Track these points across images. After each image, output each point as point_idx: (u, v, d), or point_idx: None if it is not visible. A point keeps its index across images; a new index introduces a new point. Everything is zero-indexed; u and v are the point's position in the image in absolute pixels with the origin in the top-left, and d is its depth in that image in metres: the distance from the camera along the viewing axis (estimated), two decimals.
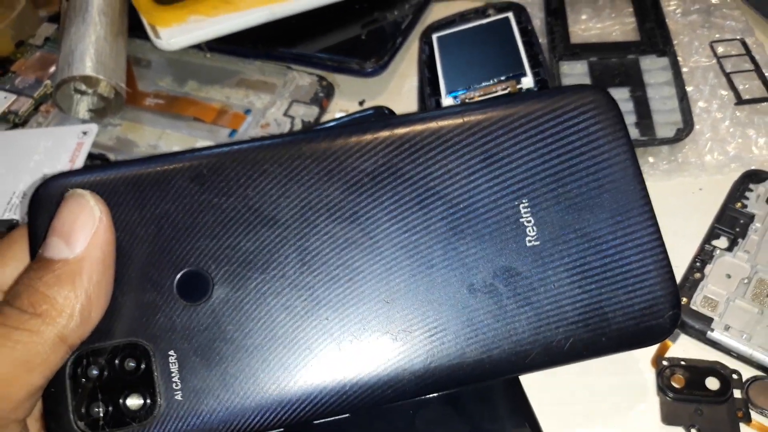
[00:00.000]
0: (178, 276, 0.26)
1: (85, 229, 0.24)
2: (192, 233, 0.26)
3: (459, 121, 0.28)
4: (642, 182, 0.28)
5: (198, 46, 0.51)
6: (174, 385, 0.25)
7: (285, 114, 0.48)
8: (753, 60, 0.47)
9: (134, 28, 0.52)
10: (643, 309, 0.27)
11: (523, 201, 0.27)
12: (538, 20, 0.51)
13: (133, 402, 0.25)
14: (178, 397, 0.25)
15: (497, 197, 0.27)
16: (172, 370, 0.25)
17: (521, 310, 0.26)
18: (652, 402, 0.34)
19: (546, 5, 0.52)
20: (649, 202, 0.28)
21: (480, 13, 0.50)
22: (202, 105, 0.50)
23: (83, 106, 0.49)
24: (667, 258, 0.27)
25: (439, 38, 0.49)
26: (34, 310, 0.23)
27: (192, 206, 0.26)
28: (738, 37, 0.49)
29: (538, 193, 0.27)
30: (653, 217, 0.27)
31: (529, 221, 0.27)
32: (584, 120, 0.28)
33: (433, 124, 0.28)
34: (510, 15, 0.49)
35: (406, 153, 0.27)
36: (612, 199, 0.27)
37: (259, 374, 0.25)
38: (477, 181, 0.27)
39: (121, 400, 0.25)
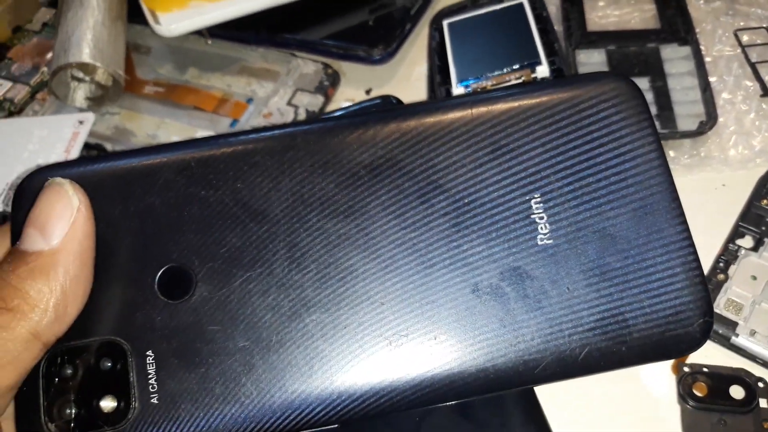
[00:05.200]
0: (160, 272, 0.24)
1: (62, 220, 0.23)
2: (176, 228, 0.24)
3: (466, 112, 0.26)
4: (669, 175, 0.25)
5: (199, 33, 0.49)
6: (150, 387, 0.23)
7: (288, 103, 0.46)
8: None
9: (134, 13, 0.50)
10: (670, 316, 0.24)
11: (535, 196, 0.25)
12: (553, 6, 0.49)
13: (107, 404, 0.23)
14: (154, 401, 0.23)
15: (505, 192, 0.25)
16: (149, 372, 0.23)
17: (530, 315, 0.24)
18: (672, 411, 0.33)
19: None
20: (676, 197, 0.25)
21: None
22: (202, 93, 0.48)
23: (80, 94, 0.48)
24: (697, 259, 0.25)
25: (450, 24, 0.47)
26: (5, 304, 0.22)
27: (178, 200, 0.25)
28: (764, 26, 0.46)
29: (551, 188, 0.25)
30: (682, 213, 0.25)
31: (541, 218, 0.25)
32: (604, 109, 0.25)
33: (437, 115, 0.26)
34: (524, 1, 0.46)
35: (407, 145, 0.25)
36: (635, 194, 0.25)
37: (241, 379, 0.23)
38: (483, 174, 0.25)
39: (94, 402, 0.23)
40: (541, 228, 0.25)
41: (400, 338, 0.24)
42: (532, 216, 0.25)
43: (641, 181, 0.25)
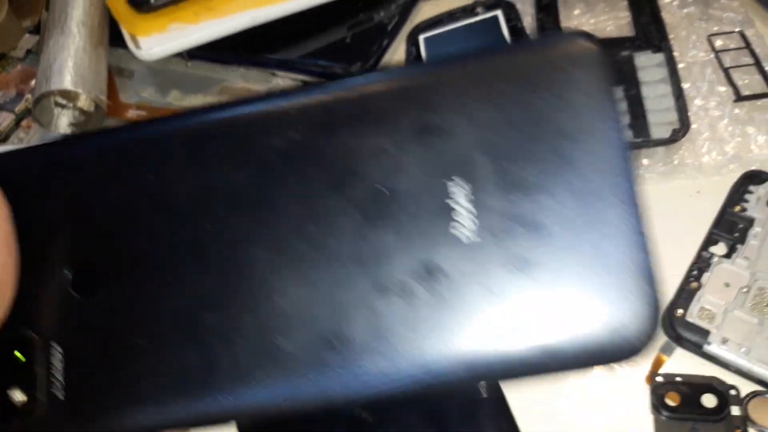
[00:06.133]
0: (72, 268, 0.24)
1: None
2: (91, 223, 0.24)
3: (388, 86, 0.23)
4: (624, 150, 0.22)
5: (179, 55, 0.50)
6: (58, 383, 0.23)
7: None
8: (753, 53, 0.45)
9: (116, 38, 0.50)
10: (607, 317, 0.21)
11: (457, 180, 0.22)
12: (529, 17, 0.49)
13: (16, 397, 0.23)
14: (60, 396, 0.23)
15: (423, 177, 0.22)
16: (57, 366, 0.23)
17: (442, 317, 0.21)
18: (645, 421, 0.33)
19: (537, 1, 0.50)
20: (632, 178, 0.21)
21: (468, 11, 0.48)
22: None
23: (64, 120, 0.48)
24: (646, 251, 0.21)
25: (427, 39, 0.48)
26: None
27: (94, 193, 0.24)
28: (737, 30, 0.46)
29: (476, 171, 0.22)
30: (634, 195, 0.21)
31: (463, 206, 0.22)
32: (550, 73, 0.22)
33: (355, 91, 0.23)
34: (499, 13, 0.47)
35: (322, 126, 0.23)
36: (577, 175, 0.21)
37: (143, 379, 0.23)
38: (402, 158, 0.22)
39: (6, 394, 0.23)
40: (462, 219, 0.22)
41: (298, 342, 0.22)
42: (452, 204, 0.22)
43: (589, 160, 0.21)
